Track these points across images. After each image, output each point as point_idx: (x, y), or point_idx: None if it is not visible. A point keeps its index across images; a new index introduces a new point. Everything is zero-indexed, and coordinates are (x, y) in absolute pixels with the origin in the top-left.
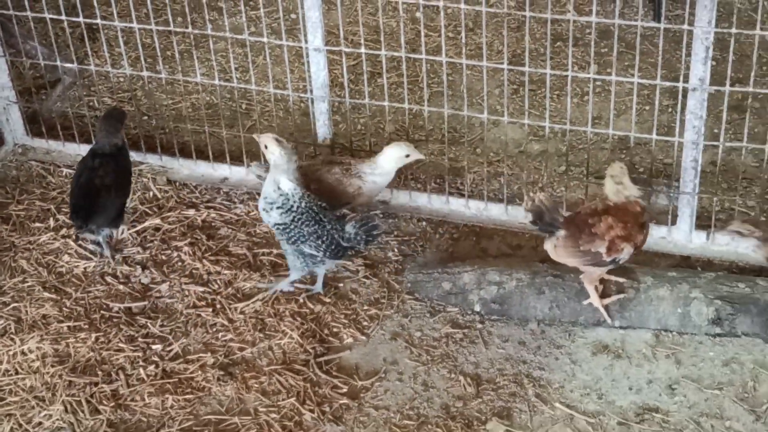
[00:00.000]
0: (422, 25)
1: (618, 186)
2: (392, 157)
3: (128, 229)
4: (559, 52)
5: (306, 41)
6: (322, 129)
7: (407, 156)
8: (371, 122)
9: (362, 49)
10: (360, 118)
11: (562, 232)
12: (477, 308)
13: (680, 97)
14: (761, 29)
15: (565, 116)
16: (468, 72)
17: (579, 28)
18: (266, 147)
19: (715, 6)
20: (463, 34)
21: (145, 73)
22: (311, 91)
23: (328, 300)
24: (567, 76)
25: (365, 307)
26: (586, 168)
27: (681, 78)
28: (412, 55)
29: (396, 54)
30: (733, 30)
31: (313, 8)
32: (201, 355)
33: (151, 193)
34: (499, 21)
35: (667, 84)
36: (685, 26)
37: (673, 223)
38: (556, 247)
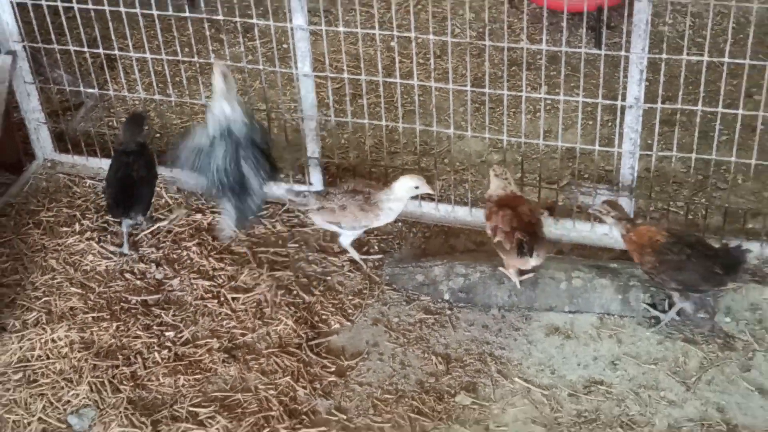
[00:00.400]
0: (396, 53)
1: (504, 181)
2: (403, 186)
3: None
4: (515, 75)
5: (296, 68)
6: (311, 144)
7: (416, 188)
8: (353, 137)
9: (345, 75)
10: (344, 134)
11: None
12: (446, 297)
13: (619, 113)
14: (687, 54)
15: (520, 130)
16: (436, 93)
17: (531, 54)
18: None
19: (647, 35)
20: (431, 61)
21: (156, 97)
22: (301, 111)
23: (318, 292)
24: (521, 96)
25: (350, 297)
26: (539, 175)
27: (619, 97)
28: (387, 79)
29: (374, 78)
30: (663, 56)
31: (302, 39)
32: (208, 340)
33: (164, 200)
34: (463, 49)
35: (607, 102)
36: (623, 52)
37: None
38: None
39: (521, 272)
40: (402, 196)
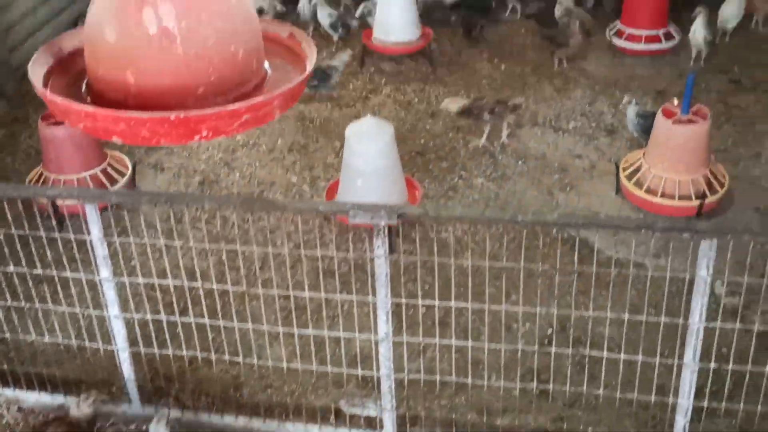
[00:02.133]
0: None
1: None
2: None
3: None
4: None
5: (107, 311)
6: (128, 372)
7: None
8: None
9: (148, 315)
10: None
11: None
12: None
13: (374, 345)
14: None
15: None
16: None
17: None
18: None
19: (389, 284)
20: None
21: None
22: (116, 344)
23: None
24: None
25: None
26: (329, 375)
27: (372, 331)
28: (193, 319)
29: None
30: (404, 300)
31: (109, 289)
32: None
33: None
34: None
35: (364, 336)
36: (370, 297)
37: (381, 428)
38: None
39: None
40: None
